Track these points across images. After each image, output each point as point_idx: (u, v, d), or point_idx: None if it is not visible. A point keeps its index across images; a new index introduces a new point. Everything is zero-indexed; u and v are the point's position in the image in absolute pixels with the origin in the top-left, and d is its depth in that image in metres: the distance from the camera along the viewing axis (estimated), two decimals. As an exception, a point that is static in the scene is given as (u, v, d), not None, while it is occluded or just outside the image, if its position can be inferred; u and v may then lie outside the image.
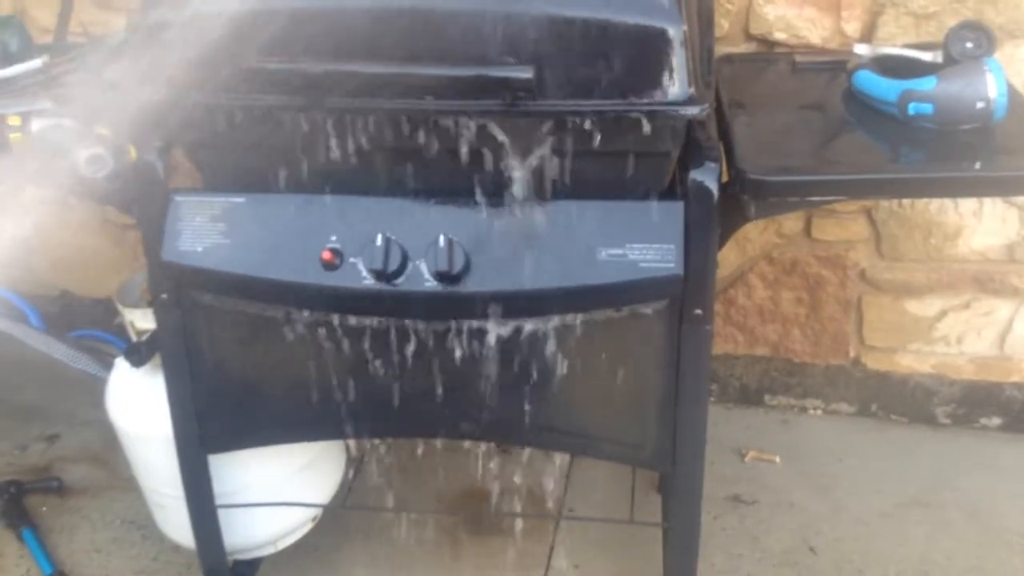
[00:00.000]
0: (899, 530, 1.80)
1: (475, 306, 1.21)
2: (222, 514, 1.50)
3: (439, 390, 1.29)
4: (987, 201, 1.84)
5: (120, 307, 1.49)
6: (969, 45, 1.23)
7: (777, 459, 1.99)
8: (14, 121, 1.22)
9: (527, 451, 1.81)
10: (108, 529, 1.88)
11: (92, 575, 1.78)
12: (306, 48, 1.11)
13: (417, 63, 1.09)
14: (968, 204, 1.85)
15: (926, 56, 1.29)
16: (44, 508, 1.93)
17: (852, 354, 2.06)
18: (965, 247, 1.88)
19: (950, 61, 1.24)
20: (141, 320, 1.46)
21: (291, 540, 1.64)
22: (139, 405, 1.49)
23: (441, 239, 1.17)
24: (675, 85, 1.08)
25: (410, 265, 1.19)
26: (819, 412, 2.13)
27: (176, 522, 1.55)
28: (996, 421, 2.05)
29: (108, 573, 1.78)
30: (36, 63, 1.39)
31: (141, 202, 1.26)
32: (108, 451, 1.98)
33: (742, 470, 1.97)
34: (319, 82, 1.11)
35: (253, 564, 1.67)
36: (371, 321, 1.24)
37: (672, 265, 1.16)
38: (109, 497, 1.95)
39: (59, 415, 2.17)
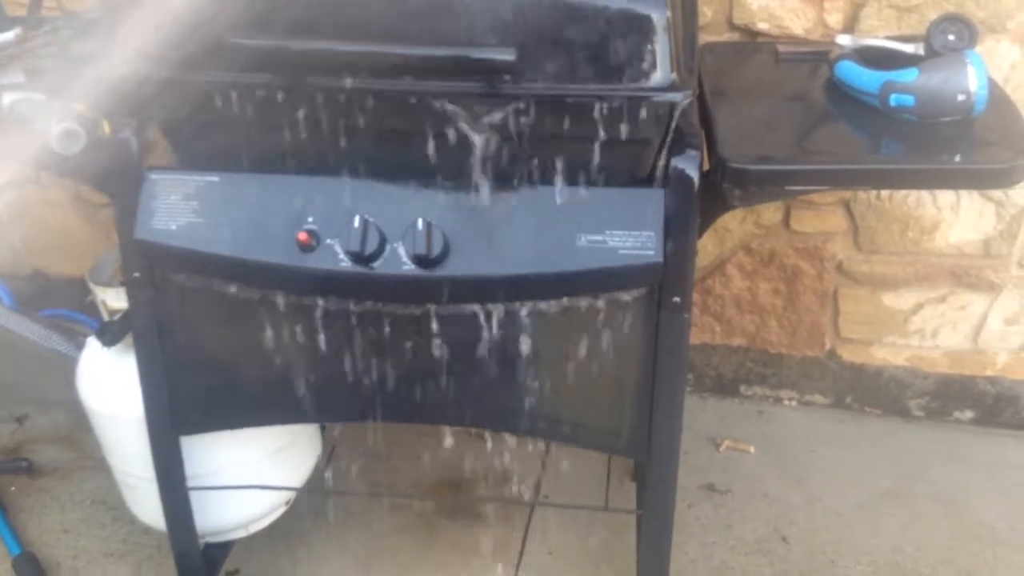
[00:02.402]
0: (872, 521, 1.82)
1: (453, 290, 1.20)
2: (194, 496, 1.48)
3: (415, 375, 1.29)
4: (964, 195, 1.85)
5: (92, 286, 1.47)
6: (951, 38, 1.23)
7: (752, 449, 2.00)
8: (-15, 94, 1.19)
9: (502, 437, 1.81)
10: (77, 510, 1.86)
11: (61, 556, 1.76)
12: (284, 25, 1.09)
13: (398, 43, 1.08)
14: (945, 198, 1.85)
15: (908, 48, 1.29)
16: (13, 488, 1.91)
17: (828, 346, 2.07)
18: (942, 241, 1.89)
19: (932, 53, 1.24)
20: (113, 299, 1.45)
21: (264, 524, 1.63)
22: (110, 385, 1.47)
23: (420, 222, 1.16)
24: (658, 71, 1.08)
25: (388, 248, 1.18)
26: (794, 403, 2.14)
27: (147, 504, 1.54)
28: (969, 414, 2.06)
29: (77, 554, 1.77)
30: (8, 36, 1.36)
31: (115, 179, 1.24)
32: (78, 432, 1.96)
33: (717, 459, 1.97)
34: (297, 60, 1.10)
35: (225, 547, 1.66)
36: (347, 304, 1.23)
37: (652, 252, 1.15)
38: (79, 478, 1.93)
39: (28, 395, 2.15)
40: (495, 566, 1.74)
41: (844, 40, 1.36)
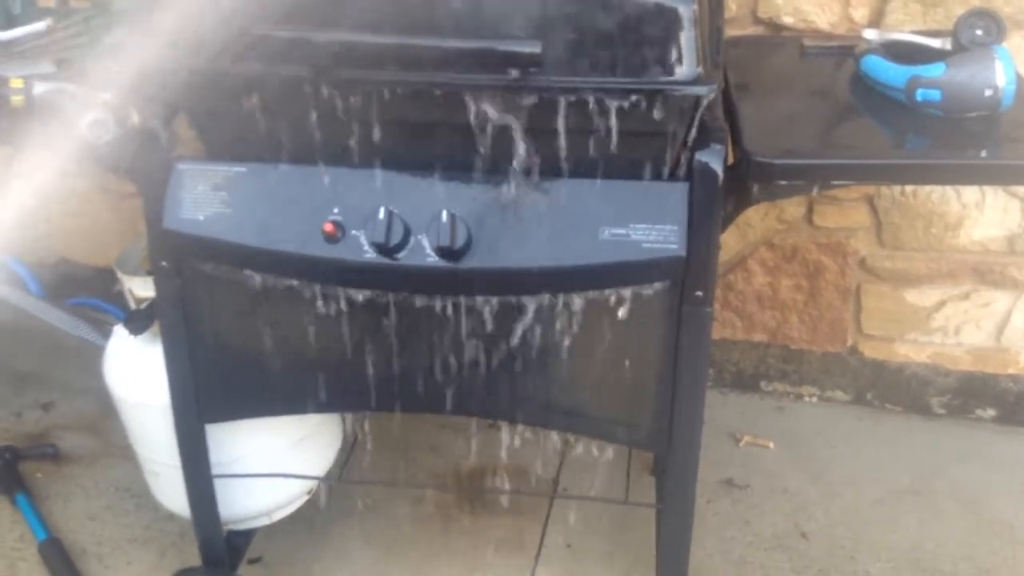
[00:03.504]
0: (891, 518, 1.81)
1: (476, 282, 1.21)
2: (217, 484, 1.50)
3: (437, 365, 1.29)
4: (989, 192, 1.84)
5: (120, 274, 1.48)
6: (979, 32, 1.22)
7: (771, 445, 1.99)
8: (16, 84, 1.21)
9: (523, 429, 1.82)
10: (102, 497, 1.89)
11: (86, 542, 1.78)
12: (312, 17, 1.10)
13: (425, 35, 1.09)
14: (970, 194, 1.84)
15: (935, 42, 1.29)
16: (39, 474, 1.94)
17: (849, 342, 2.06)
18: (966, 238, 1.88)
19: (959, 48, 1.23)
20: (140, 288, 1.46)
21: (286, 512, 1.64)
22: (137, 373, 1.49)
23: (444, 214, 1.17)
24: (684, 64, 1.08)
25: (412, 239, 1.19)
26: (815, 399, 2.13)
27: (171, 491, 1.55)
28: (991, 413, 2.05)
29: (102, 541, 1.79)
30: (39, 26, 1.38)
31: (143, 169, 1.26)
32: (103, 419, 1.98)
33: (736, 455, 1.97)
34: (324, 52, 1.11)
35: (247, 535, 1.68)
36: (371, 294, 1.24)
37: (675, 246, 1.16)
38: (104, 465, 1.95)
39: (55, 383, 2.17)
40: (514, 558, 1.74)
41: (870, 34, 1.35)
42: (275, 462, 1.54)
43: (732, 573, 1.71)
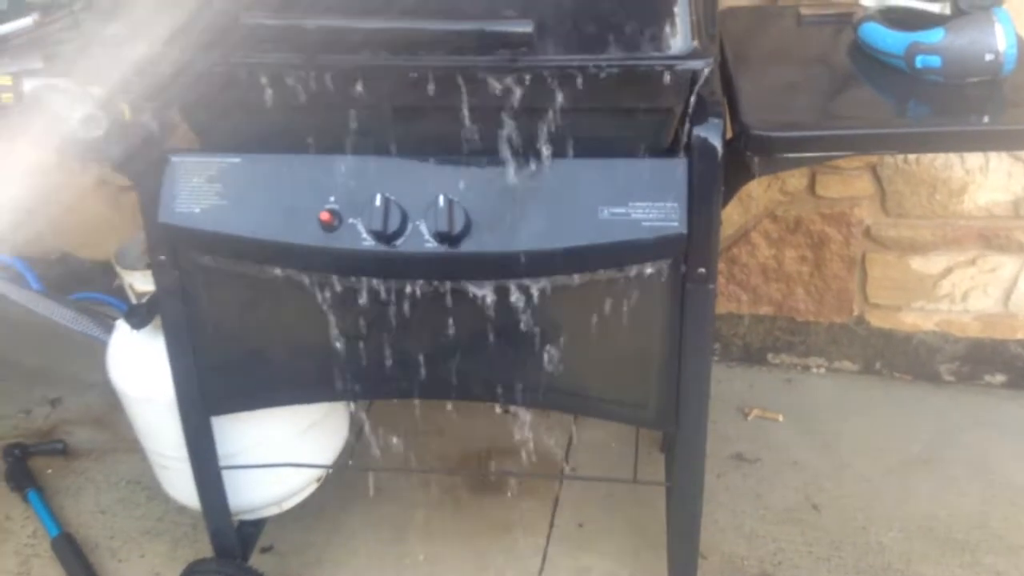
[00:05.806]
0: (903, 487, 1.81)
1: (476, 267, 1.20)
2: (227, 475, 1.50)
3: (441, 351, 1.29)
4: (993, 156, 1.82)
5: (119, 269, 1.48)
6: (978, -5, 1.20)
7: (780, 417, 1.99)
8: (5, 81, 1.20)
9: (530, 411, 1.81)
10: (113, 490, 1.89)
11: (98, 536, 1.79)
12: (303, 4, 1.09)
13: (416, 18, 1.07)
14: (974, 160, 1.82)
15: (934, 7, 1.26)
16: (49, 470, 1.94)
17: (856, 312, 2.05)
18: (971, 203, 1.87)
19: (958, 12, 1.21)
20: (140, 282, 1.46)
21: (296, 501, 1.64)
22: (140, 368, 1.49)
23: (441, 199, 1.16)
24: (679, 39, 1.06)
25: (410, 226, 1.18)
26: (822, 370, 2.13)
27: (180, 484, 1.55)
28: (1000, 378, 2.04)
29: (114, 534, 1.80)
30: (27, 21, 1.36)
31: (137, 163, 1.25)
32: (112, 413, 1.99)
33: (745, 429, 1.97)
34: (315, 39, 1.09)
35: (258, 524, 1.68)
36: (371, 282, 1.23)
37: (675, 224, 1.14)
38: (113, 459, 1.96)
39: (62, 378, 2.17)
40: (526, 539, 1.74)
41: (868, 1, 1.33)
42: (283, 451, 1.54)
43: (744, 547, 1.71)
